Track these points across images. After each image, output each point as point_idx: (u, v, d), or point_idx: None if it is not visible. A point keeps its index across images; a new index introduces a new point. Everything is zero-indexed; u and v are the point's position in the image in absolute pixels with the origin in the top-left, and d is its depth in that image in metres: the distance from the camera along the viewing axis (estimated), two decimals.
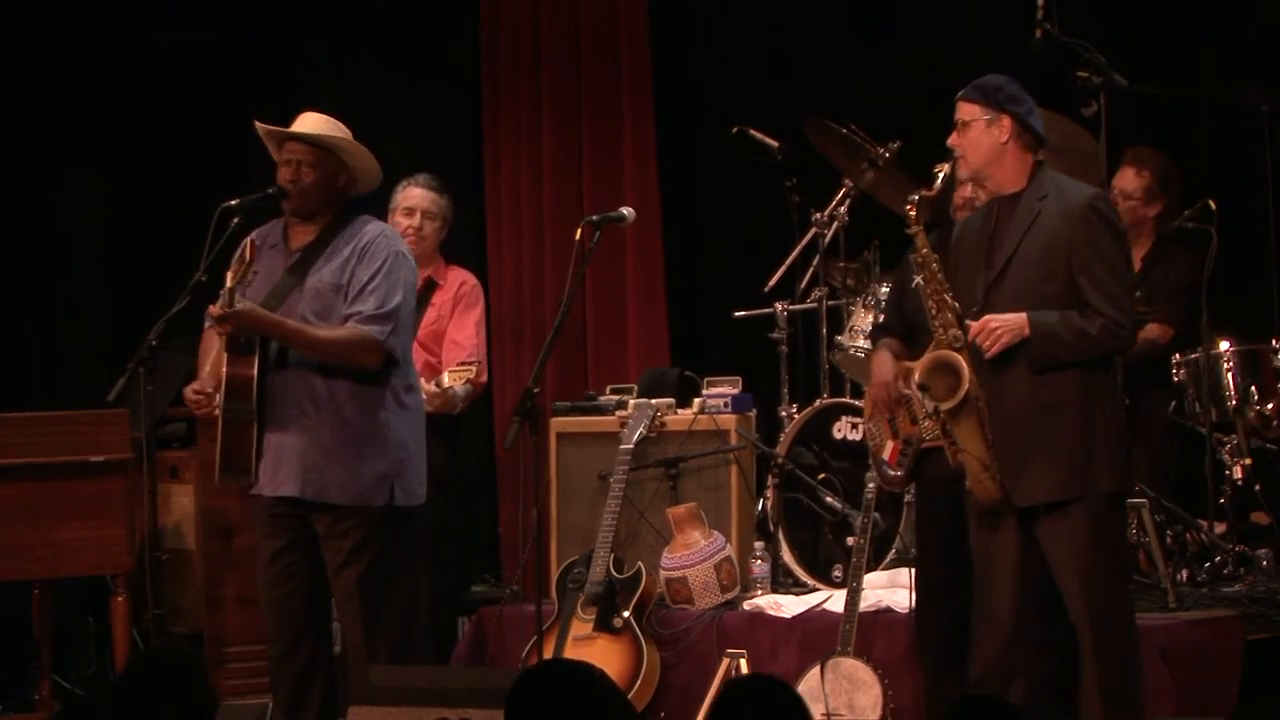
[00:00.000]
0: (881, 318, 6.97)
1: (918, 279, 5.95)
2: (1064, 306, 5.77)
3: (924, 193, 5.95)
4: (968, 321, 5.82)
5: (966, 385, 5.74)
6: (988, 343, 5.75)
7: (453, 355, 7.65)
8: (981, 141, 5.92)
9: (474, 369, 7.33)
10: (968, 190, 6.38)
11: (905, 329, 6.49)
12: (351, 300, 6.39)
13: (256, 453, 6.39)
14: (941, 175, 6.02)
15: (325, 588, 6.53)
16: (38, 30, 9.02)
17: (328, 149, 6.48)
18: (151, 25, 9.15)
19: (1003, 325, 5.75)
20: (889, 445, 6.44)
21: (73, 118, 9.08)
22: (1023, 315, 5.74)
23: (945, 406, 5.78)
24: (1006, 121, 5.90)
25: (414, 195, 7.79)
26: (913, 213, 5.93)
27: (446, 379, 7.23)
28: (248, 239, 6.34)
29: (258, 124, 6.55)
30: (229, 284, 6.22)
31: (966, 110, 5.96)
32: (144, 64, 9.13)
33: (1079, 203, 5.85)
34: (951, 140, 6.00)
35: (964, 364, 5.75)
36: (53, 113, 9.07)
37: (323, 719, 6.50)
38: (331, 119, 6.57)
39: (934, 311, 5.88)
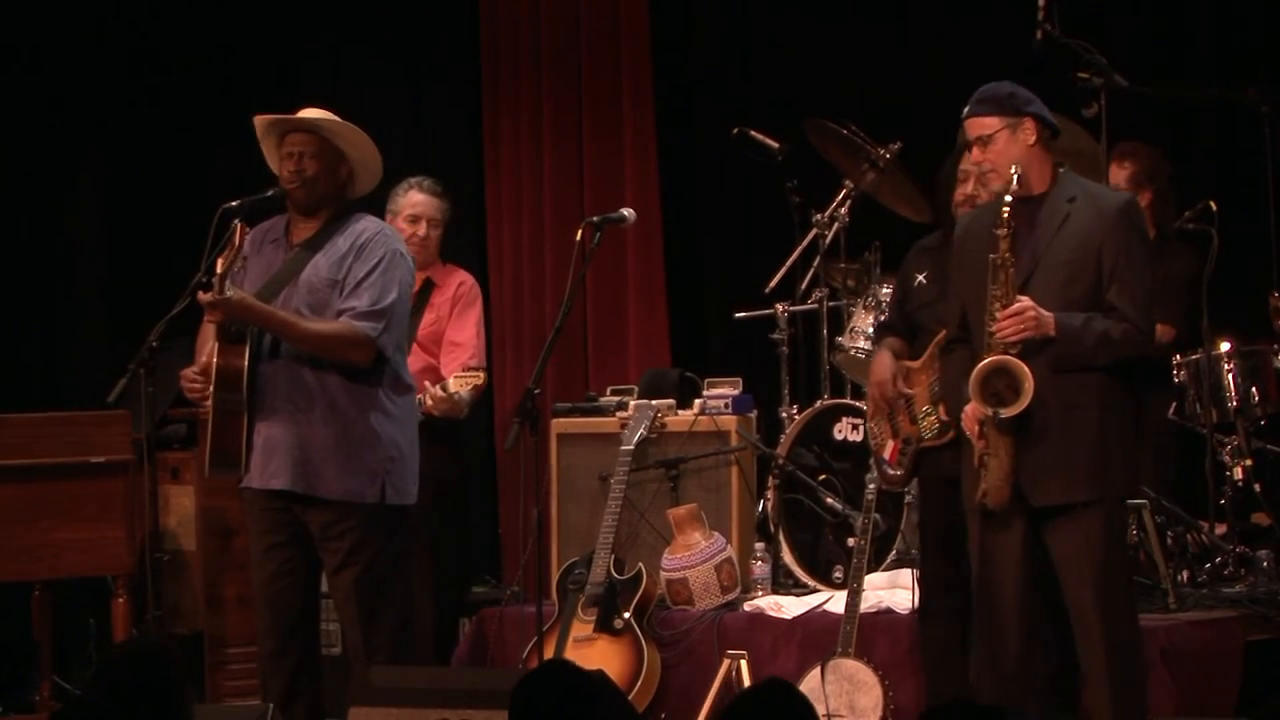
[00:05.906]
0: (884, 317, 6.95)
1: (992, 286, 5.69)
2: (1088, 309, 5.71)
3: (1015, 190, 5.70)
4: (999, 305, 5.67)
5: (1030, 395, 5.61)
6: (1019, 327, 5.64)
7: (452, 356, 7.62)
8: (1010, 151, 5.76)
9: (480, 375, 7.32)
10: (969, 187, 6.31)
11: (908, 327, 6.49)
12: (345, 296, 6.38)
13: (247, 445, 6.39)
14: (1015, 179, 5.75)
15: (318, 587, 6.55)
16: (38, 31, 9.02)
17: (329, 137, 6.47)
18: (153, 26, 9.15)
19: (1036, 318, 5.65)
20: (889, 445, 6.45)
21: (73, 118, 9.08)
22: (1050, 314, 5.67)
23: (1008, 413, 5.63)
24: (1029, 123, 5.77)
25: (419, 202, 7.68)
26: (1007, 214, 5.67)
27: (453, 384, 7.22)
28: (237, 222, 6.29)
29: (257, 118, 6.53)
30: (219, 270, 6.21)
31: (983, 125, 5.79)
32: (145, 64, 9.13)
33: (1112, 206, 5.79)
34: (975, 158, 5.83)
35: (1027, 371, 5.62)
36: (53, 113, 9.08)
37: (311, 719, 6.51)
38: (330, 113, 6.56)
39: (999, 315, 5.71)
